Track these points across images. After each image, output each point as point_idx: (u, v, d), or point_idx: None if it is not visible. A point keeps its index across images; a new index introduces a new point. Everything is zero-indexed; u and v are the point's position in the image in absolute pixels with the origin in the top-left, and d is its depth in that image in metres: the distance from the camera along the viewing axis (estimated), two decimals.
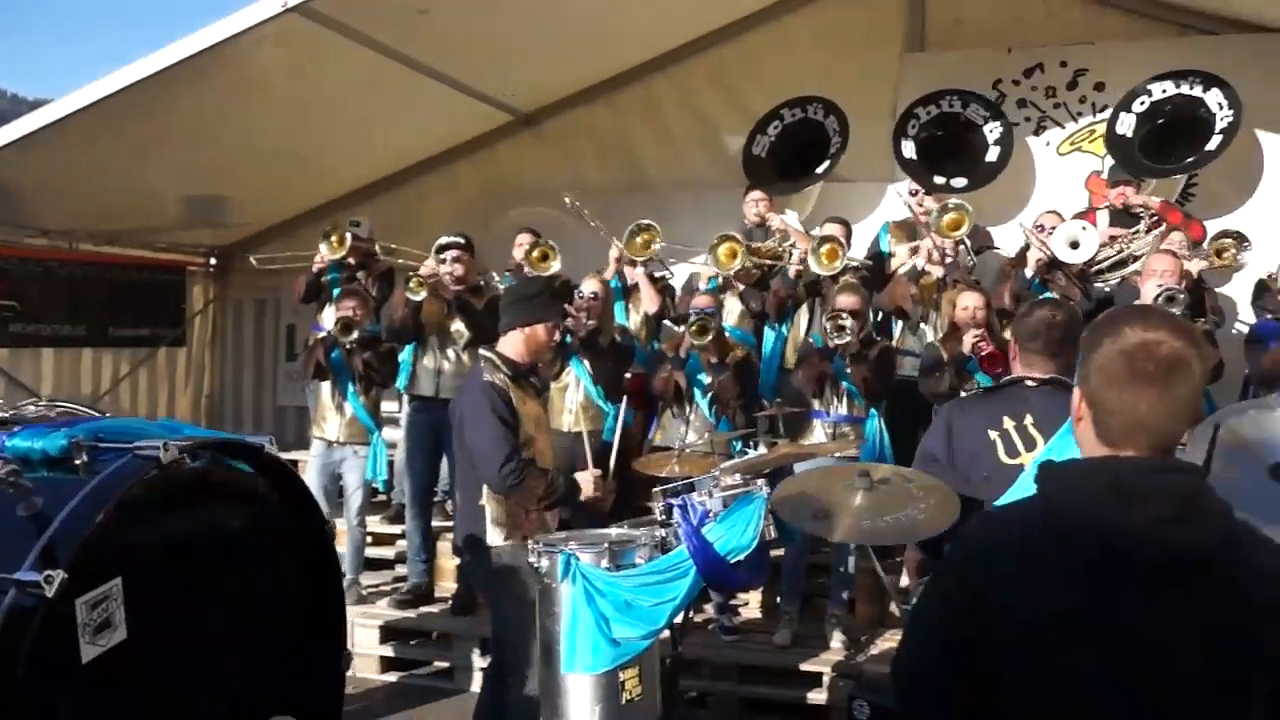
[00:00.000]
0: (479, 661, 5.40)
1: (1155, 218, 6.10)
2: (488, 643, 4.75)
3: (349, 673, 5.51)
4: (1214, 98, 6.28)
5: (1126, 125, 6.51)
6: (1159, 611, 1.55)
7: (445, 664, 5.66)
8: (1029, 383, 3.01)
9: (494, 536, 3.88)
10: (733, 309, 6.20)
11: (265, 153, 7.01)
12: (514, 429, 3.78)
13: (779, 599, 5.50)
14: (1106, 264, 5.96)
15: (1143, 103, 6.49)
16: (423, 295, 5.92)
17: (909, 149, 6.87)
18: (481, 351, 4.07)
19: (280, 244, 7.96)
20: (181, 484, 2.38)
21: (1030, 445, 2.89)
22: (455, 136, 8.11)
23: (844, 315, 5.22)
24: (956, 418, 3.17)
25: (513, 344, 4.00)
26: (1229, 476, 3.07)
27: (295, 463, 7.15)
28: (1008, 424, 2.94)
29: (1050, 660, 1.57)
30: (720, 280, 6.19)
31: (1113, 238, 6.07)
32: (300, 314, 7.81)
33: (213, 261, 8.84)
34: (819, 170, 6.96)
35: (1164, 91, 6.44)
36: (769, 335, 6.34)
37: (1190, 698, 1.54)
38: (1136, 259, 5.85)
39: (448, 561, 6.03)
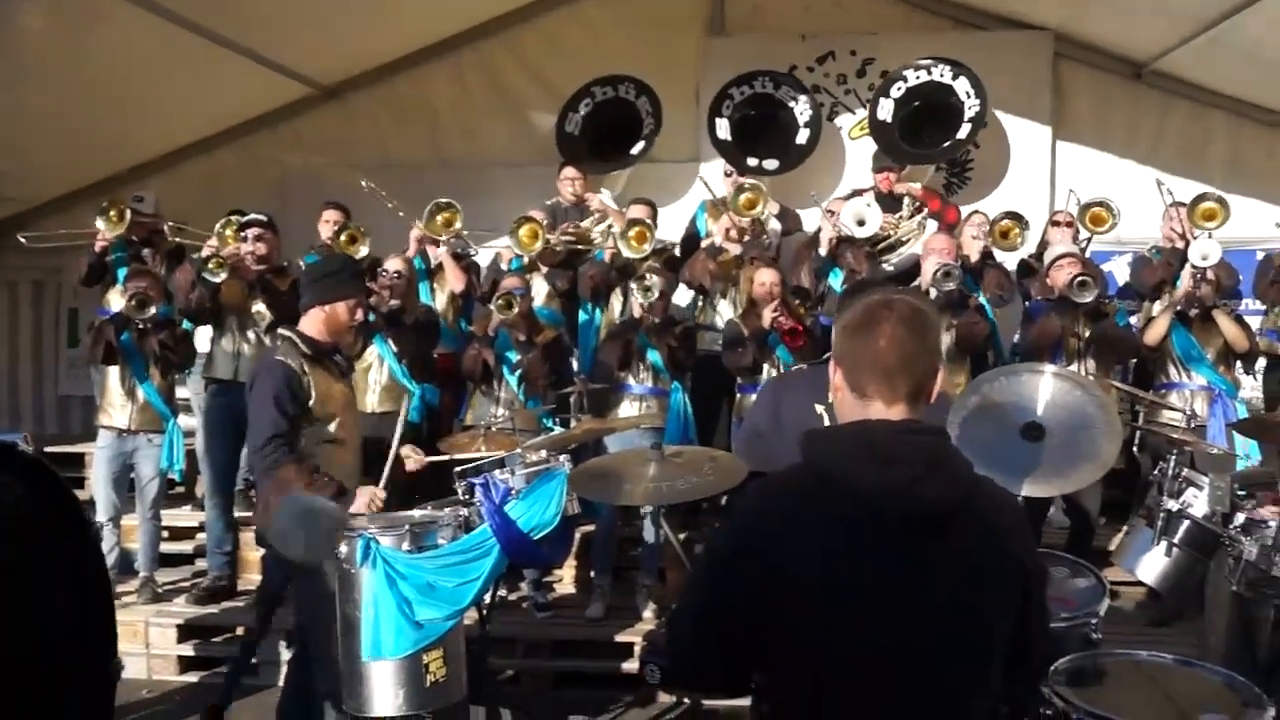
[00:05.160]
0: (286, 655, 5.24)
1: (918, 203, 6.42)
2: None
3: (144, 675, 5.30)
4: (962, 85, 6.61)
5: (886, 111, 6.75)
6: (910, 564, 1.67)
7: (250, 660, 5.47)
8: None
9: None
10: (540, 289, 6.20)
11: (39, 122, 6.46)
12: (292, 412, 3.68)
13: (592, 573, 5.61)
14: (879, 247, 6.22)
15: (900, 89, 6.74)
16: (222, 276, 5.67)
17: (723, 129, 6.92)
18: (281, 330, 3.94)
19: (60, 221, 7.35)
20: None
21: None
22: (252, 108, 7.76)
23: (649, 275, 5.36)
24: (782, 393, 3.41)
25: (313, 323, 3.89)
26: (982, 437, 3.36)
27: (81, 456, 6.77)
28: None
29: (819, 616, 1.67)
30: (525, 261, 6.20)
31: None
32: (83, 297, 7.27)
33: None
34: (634, 151, 7.01)
35: (918, 78, 6.70)
36: (583, 316, 6.38)
37: (941, 644, 1.69)
38: (904, 243, 6.18)
39: (252, 553, 5.81)
